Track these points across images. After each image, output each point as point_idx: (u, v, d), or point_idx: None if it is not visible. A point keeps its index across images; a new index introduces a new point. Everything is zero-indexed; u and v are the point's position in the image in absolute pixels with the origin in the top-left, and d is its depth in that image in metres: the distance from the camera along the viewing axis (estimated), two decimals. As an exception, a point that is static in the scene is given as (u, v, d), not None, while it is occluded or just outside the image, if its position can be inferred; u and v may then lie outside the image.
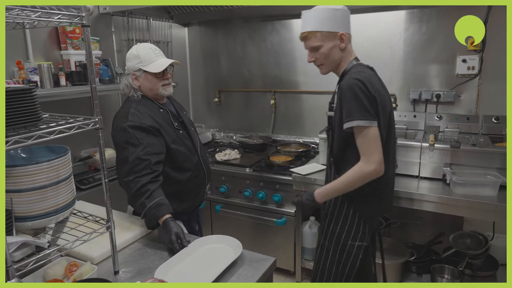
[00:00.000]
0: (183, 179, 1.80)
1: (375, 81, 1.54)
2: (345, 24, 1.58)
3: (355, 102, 1.46)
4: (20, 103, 1.06)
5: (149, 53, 1.71)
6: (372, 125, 1.46)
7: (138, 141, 1.63)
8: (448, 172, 2.09)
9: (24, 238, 1.12)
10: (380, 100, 1.50)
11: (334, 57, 1.59)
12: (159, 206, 1.56)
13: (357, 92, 1.46)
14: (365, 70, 1.57)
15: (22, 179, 1.16)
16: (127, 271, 1.38)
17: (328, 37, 1.55)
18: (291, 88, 3.25)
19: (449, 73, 2.62)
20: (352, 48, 1.65)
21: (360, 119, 1.45)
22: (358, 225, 1.65)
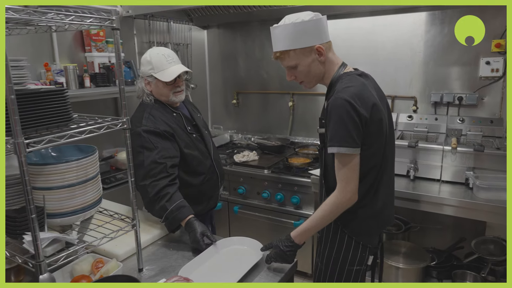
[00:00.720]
0: (197, 182, 1.81)
1: (366, 93, 1.33)
2: (320, 34, 1.37)
3: (339, 127, 1.29)
4: (53, 103, 1.10)
5: (162, 60, 1.70)
6: (354, 153, 1.30)
7: (153, 145, 1.64)
8: (471, 176, 2.05)
9: (55, 234, 1.16)
10: (373, 115, 1.32)
11: (315, 72, 1.41)
12: (181, 208, 1.57)
13: (343, 115, 1.28)
14: (354, 82, 1.35)
15: (53, 177, 1.20)
16: (151, 269, 1.41)
17: (304, 54, 1.36)
18: (309, 90, 3.25)
19: (471, 75, 2.57)
20: (335, 55, 1.45)
21: (343, 145, 1.29)
22: (356, 248, 1.46)
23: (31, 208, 0.99)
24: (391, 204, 1.58)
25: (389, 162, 1.49)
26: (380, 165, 1.42)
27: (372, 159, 1.38)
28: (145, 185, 1.61)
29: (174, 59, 1.75)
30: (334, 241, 1.49)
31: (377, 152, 1.39)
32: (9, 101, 0.90)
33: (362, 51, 2.89)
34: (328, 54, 1.40)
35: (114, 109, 2.86)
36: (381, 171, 1.43)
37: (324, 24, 1.39)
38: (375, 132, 1.35)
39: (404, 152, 2.28)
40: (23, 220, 1.11)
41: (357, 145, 1.30)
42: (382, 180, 1.45)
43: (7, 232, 1.16)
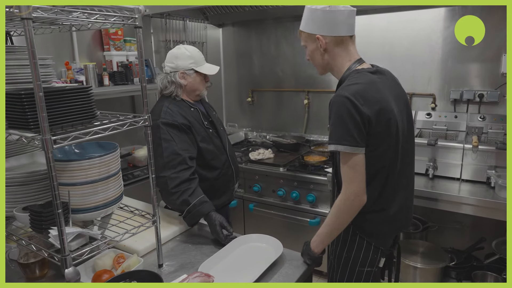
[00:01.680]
0: (211, 177, 1.85)
1: (371, 91, 1.28)
2: (325, 26, 1.35)
3: (338, 124, 1.25)
4: (78, 101, 1.12)
5: (200, 56, 1.84)
6: (354, 152, 1.25)
7: (171, 137, 1.69)
8: (493, 175, 2.01)
9: (80, 229, 1.18)
10: (379, 115, 1.27)
11: (317, 60, 1.42)
12: (204, 204, 1.61)
13: (343, 113, 1.24)
14: (361, 79, 1.31)
15: (77, 173, 1.22)
16: (171, 264, 1.42)
17: (309, 39, 1.40)
18: (324, 87, 3.23)
19: (493, 72, 2.52)
20: (353, 52, 1.41)
21: (341, 143, 1.25)
22: (367, 249, 1.43)
23: (57, 203, 1.02)
24: (409, 208, 1.52)
25: (407, 164, 1.44)
26: (390, 167, 1.36)
27: (380, 161, 1.32)
28: (165, 177, 1.63)
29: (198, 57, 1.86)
30: (346, 240, 1.46)
31: (385, 154, 1.32)
32: (37, 98, 0.92)
33: (379, 47, 2.86)
34: (333, 48, 1.37)
35: (131, 106, 2.90)
36: (394, 173, 1.37)
37: (338, 17, 1.34)
38: (381, 133, 1.29)
39: (423, 150, 2.24)
40: (49, 215, 1.14)
41: (358, 144, 1.24)
42: (398, 182, 1.40)
43: (33, 226, 1.19)
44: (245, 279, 1.27)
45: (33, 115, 1.00)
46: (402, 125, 1.37)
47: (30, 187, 1.28)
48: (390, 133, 1.31)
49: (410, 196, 1.52)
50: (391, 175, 1.37)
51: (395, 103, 1.35)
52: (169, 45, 3.11)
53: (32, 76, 0.89)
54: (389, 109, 1.30)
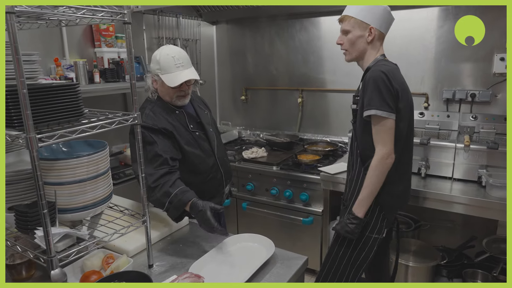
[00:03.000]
0: (198, 181, 1.76)
1: (399, 74, 1.62)
2: (380, 21, 1.64)
3: (376, 93, 1.53)
4: (65, 98, 1.09)
5: (170, 63, 1.66)
6: (389, 117, 1.53)
7: (153, 139, 1.64)
8: (484, 174, 2.01)
9: (66, 230, 1.16)
10: (403, 94, 1.57)
11: (358, 47, 1.66)
12: (185, 193, 1.53)
13: (380, 84, 1.52)
14: (389, 64, 1.63)
15: (64, 172, 1.19)
16: (161, 265, 1.40)
17: (359, 26, 1.63)
18: (318, 86, 3.22)
19: (485, 71, 2.52)
20: (382, 48, 1.70)
21: (379, 109, 1.52)
22: (377, 217, 1.69)
23: (43, 203, 0.99)
24: (410, 189, 1.85)
25: (411, 149, 1.76)
26: (405, 143, 1.65)
27: (397, 133, 1.58)
28: (146, 175, 1.54)
29: (184, 62, 1.70)
30: None
31: (402, 128, 1.60)
32: (21, 95, 0.89)
33: (372, 46, 2.85)
34: (376, 41, 1.65)
35: (123, 104, 2.87)
36: (407, 150, 1.69)
37: (389, 18, 1.67)
38: (402, 109, 1.58)
39: (415, 150, 2.22)
40: (34, 215, 1.11)
41: (392, 111, 1.53)
42: (408, 161, 1.74)
43: (18, 226, 1.16)
44: (236, 279, 1.26)
45: (17, 113, 0.97)
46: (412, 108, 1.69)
47: (16, 186, 1.25)
48: (407, 112, 1.61)
49: (410, 178, 1.83)
50: (405, 151, 1.67)
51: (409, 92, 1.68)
52: (161, 42, 3.08)
53: (15, 72, 0.87)
54: (408, 92, 1.64)
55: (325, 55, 3.12)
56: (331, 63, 3.09)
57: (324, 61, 3.14)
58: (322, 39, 3.09)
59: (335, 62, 3.06)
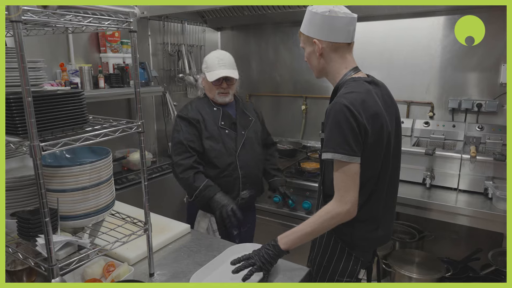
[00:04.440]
0: (212, 175, 1.93)
1: (369, 101, 1.27)
2: (324, 31, 1.33)
3: (336, 132, 1.23)
4: (69, 105, 1.09)
5: (214, 62, 1.94)
6: (351, 161, 1.23)
7: (180, 128, 1.92)
8: (491, 186, 1.99)
9: (68, 238, 1.15)
10: (373, 125, 1.26)
11: (313, 64, 1.41)
12: (208, 188, 1.86)
13: (341, 120, 1.21)
14: (358, 88, 1.29)
15: (67, 179, 1.18)
16: (162, 273, 1.39)
17: (307, 41, 1.39)
18: (322, 94, 3.21)
19: (491, 81, 2.51)
20: (349, 59, 1.39)
21: (338, 152, 1.22)
22: (348, 260, 1.42)
23: (45, 211, 0.98)
24: (390, 224, 1.51)
25: (394, 178, 1.44)
26: (379, 177, 1.34)
27: (369, 170, 1.30)
28: (174, 163, 1.91)
29: (226, 63, 1.95)
30: (327, 249, 1.45)
31: (375, 163, 1.31)
32: (26, 103, 0.89)
33: (378, 55, 2.85)
34: (330, 53, 1.36)
35: (127, 109, 2.87)
36: (383, 184, 1.36)
37: (337, 23, 1.32)
38: (373, 143, 1.27)
39: (420, 160, 2.23)
40: (36, 223, 1.10)
41: (355, 153, 1.23)
42: (387, 195, 1.40)
43: (20, 233, 1.15)
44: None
45: (22, 120, 0.97)
46: (392, 140, 1.37)
47: (18, 192, 1.25)
48: (381, 143, 1.30)
49: (393, 212, 1.54)
50: (380, 186, 1.36)
51: (388, 117, 1.35)
52: (166, 48, 3.09)
53: (20, 80, 0.86)
54: (382, 118, 1.29)
55: (330, 62, 3.11)
56: (336, 71, 3.08)
57: (329, 69, 3.13)
58: (327, 47, 3.09)
59: (340, 70, 3.05)
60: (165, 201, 2.75)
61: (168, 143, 3.19)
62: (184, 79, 3.17)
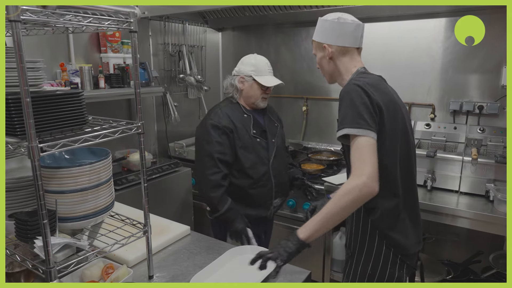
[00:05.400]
0: (246, 185, 1.88)
1: (382, 85, 1.36)
2: (333, 36, 1.42)
3: (349, 108, 1.25)
4: (68, 106, 1.08)
5: (264, 67, 1.93)
6: (365, 135, 1.20)
7: (211, 138, 1.82)
8: (492, 188, 1.98)
9: (66, 240, 1.14)
10: (389, 106, 1.29)
11: (325, 68, 1.49)
12: (230, 211, 1.83)
13: (353, 97, 1.25)
14: (369, 76, 1.39)
15: (66, 180, 1.17)
16: (161, 276, 1.38)
17: (318, 47, 1.48)
18: (323, 95, 3.20)
19: (493, 84, 2.50)
20: (358, 61, 1.45)
21: (352, 126, 1.21)
22: (393, 263, 1.36)
23: (43, 213, 0.97)
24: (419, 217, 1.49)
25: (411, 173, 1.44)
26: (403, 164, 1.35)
27: (384, 158, 1.27)
28: (202, 176, 1.85)
29: (271, 70, 1.96)
30: (370, 253, 1.37)
31: (390, 151, 1.30)
32: (24, 104, 0.88)
33: (379, 56, 2.84)
34: (340, 57, 1.44)
35: (128, 109, 2.86)
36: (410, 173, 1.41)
37: (346, 29, 1.42)
38: (388, 127, 1.28)
39: (421, 162, 2.21)
40: (34, 224, 1.09)
41: (370, 127, 1.21)
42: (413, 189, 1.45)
43: (18, 235, 1.14)
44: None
45: (20, 121, 0.96)
46: (411, 136, 1.44)
47: (17, 193, 1.24)
48: (397, 127, 1.33)
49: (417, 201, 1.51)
50: (407, 174, 1.39)
51: (403, 110, 1.42)
52: (167, 48, 3.08)
53: (19, 80, 0.86)
54: (398, 105, 1.36)
55: (331, 64, 3.10)
56: (337, 72, 3.07)
57: (330, 70, 3.12)
58: (328, 48, 3.08)
59: (341, 71, 3.04)
60: (165, 202, 2.74)
61: (168, 144, 3.19)
62: (185, 79, 3.16)
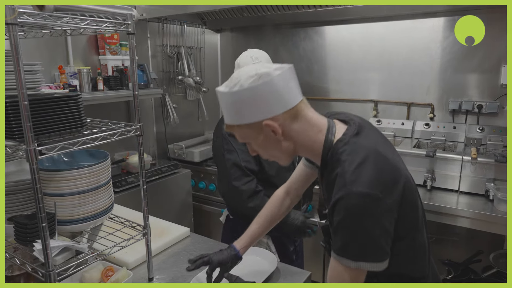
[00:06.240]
0: (269, 194, 1.67)
1: (386, 164, 0.93)
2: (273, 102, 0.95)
3: (361, 237, 0.89)
4: (66, 109, 1.08)
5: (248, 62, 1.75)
6: (375, 269, 0.90)
7: (233, 147, 1.69)
8: (492, 187, 1.98)
9: (66, 243, 1.13)
10: (405, 194, 0.93)
11: (278, 151, 1.02)
12: None
13: (365, 220, 0.87)
14: (361, 154, 0.92)
15: (65, 183, 1.17)
16: (161, 278, 1.38)
17: (252, 131, 1.00)
18: (322, 95, 3.20)
19: (492, 83, 2.50)
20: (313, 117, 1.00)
21: (366, 260, 0.89)
22: None
23: (42, 216, 0.97)
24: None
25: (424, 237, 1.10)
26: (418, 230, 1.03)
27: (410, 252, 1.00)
28: (234, 189, 1.67)
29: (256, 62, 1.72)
30: None
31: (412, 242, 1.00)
32: (22, 107, 0.88)
33: (377, 56, 2.84)
34: (292, 125, 0.97)
35: (126, 111, 2.85)
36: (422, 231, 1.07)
37: (282, 83, 0.93)
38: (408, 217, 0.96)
39: (421, 161, 2.21)
40: (34, 227, 1.09)
41: (385, 258, 0.91)
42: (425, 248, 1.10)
43: (17, 238, 1.14)
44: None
45: (18, 124, 0.96)
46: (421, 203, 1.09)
47: (15, 196, 1.23)
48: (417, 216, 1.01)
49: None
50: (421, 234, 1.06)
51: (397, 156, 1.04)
52: (166, 50, 3.08)
53: (16, 83, 0.85)
54: (411, 182, 0.99)
55: (329, 64, 3.10)
56: (335, 72, 3.07)
57: (328, 70, 3.12)
58: (326, 48, 3.08)
59: (339, 71, 3.05)
60: (165, 204, 2.74)
61: (167, 146, 3.18)
62: (183, 81, 3.16)
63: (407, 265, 1.02)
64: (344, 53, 2.97)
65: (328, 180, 0.97)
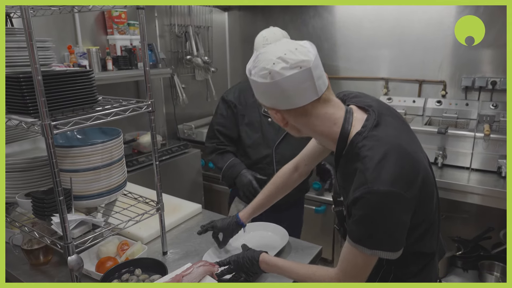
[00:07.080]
0: (246, 164, 1.81)
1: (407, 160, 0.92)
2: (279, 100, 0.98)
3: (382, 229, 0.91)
4: (79, 85, 1.08)
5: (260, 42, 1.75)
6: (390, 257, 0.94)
7: (217, 111, 1.88)
8: (504, 164, 1.96)
9: (82, 216, 1.16)
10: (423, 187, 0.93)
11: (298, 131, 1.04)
12: (232, 167, 1.78)
13: (386, 216, 0.89)
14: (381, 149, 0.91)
15: (79, 159, 1.19)
16: (175, 252, 1.41)
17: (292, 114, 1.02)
18: (332, 74, 3.16)
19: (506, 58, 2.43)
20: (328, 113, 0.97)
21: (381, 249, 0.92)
22: None
23: (59, 190, 0.99)
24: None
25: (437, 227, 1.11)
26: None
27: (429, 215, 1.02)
28: (205, 145, 1.93)
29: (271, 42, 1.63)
30: None
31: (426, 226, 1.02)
32: (36, 82, 0.88)
33: (389, 32, 2.77)
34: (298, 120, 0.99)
35: (136, 92, 2.86)
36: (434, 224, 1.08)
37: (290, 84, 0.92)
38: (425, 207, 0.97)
39: (432, 139, 2.19)
40: (51, 202, 1.12)
41: (400, 248, 0.94)
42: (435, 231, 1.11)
43: (35, 213, 1.17)
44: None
45: (32, 100, 0.97)
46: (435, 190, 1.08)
47: (32, 173, 1.26)
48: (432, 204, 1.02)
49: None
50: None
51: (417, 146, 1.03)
52: (173, 29, 3.05)
53: (29, 58, 0.86)
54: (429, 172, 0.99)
55: (338, 41, 3.05)
56: (345, 50, 3.02)
57: (338, 48, 3.07)
58: (336, 26, 3.02)
59: (349, 49, 3.00)
60: (176, 183, 2.77)
61: (177, 126, 3.20)
62: (192, 61, 3.14)
63: (419, 243, 1.04)
64: (355, 30, 2.91)
65: (345, 170, 0.99)
